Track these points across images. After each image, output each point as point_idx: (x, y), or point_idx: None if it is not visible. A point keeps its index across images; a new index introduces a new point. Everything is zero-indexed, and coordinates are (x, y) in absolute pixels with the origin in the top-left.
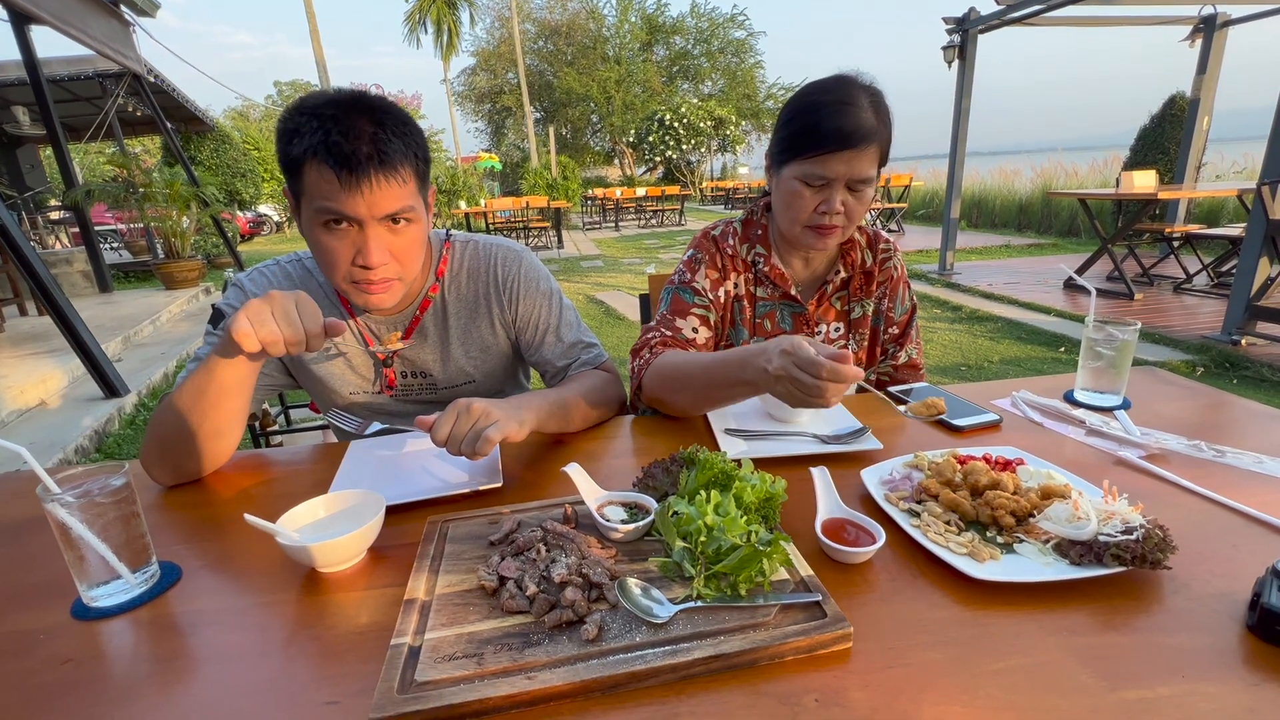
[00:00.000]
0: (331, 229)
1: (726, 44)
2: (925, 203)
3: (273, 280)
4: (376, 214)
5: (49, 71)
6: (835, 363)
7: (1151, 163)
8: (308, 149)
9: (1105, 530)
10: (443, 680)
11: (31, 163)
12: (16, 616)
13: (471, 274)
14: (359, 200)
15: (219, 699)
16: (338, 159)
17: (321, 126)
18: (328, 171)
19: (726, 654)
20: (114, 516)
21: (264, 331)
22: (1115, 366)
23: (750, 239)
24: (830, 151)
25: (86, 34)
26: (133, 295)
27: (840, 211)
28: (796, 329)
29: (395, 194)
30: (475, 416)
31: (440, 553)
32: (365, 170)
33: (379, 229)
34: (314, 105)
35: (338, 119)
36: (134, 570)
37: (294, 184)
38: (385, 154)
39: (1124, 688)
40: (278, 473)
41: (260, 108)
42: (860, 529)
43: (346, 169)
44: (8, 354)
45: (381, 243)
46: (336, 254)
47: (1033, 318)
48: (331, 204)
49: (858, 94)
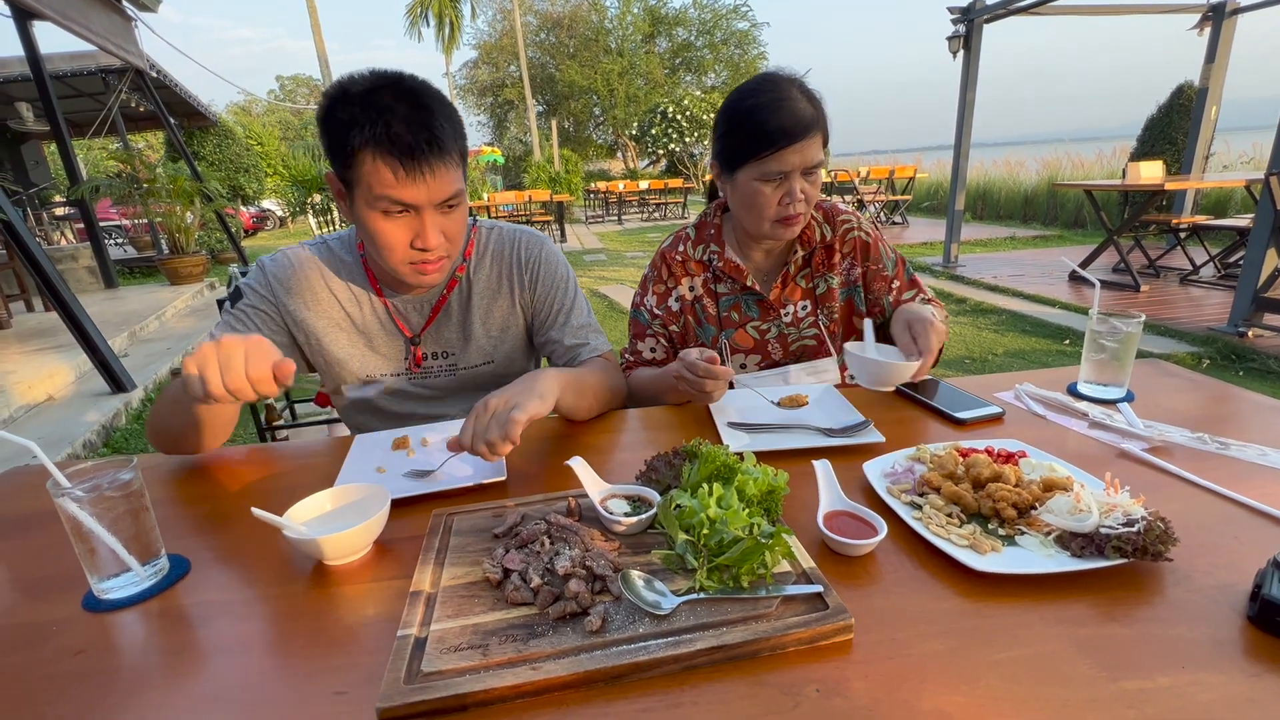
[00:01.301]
0: (390, 216)
1: (729, 35)
2: (930, 195)
3: (293, 262)
4: (435, 200)
5: (52, 67)
6: (707, 364)
7: (1159, 153)
8: (368, 140)
9: (1107, 522)
10: (449, 671)
11: (36, 159)
12: (29, 608)
13: (495, 256)
14: (420, 188)
15: (228, 689)
16: (401, 150)
17: (381, 117)
18: (390, 162)
19: (729, 645)
20: (123, 510)
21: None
22: (1119, 359)
23: (704, 239)
24: (782, 147)
25: (88, 29)
26: (138, 291)
27: (802, 198)
28: (763, 316)
29: (450, 179)
30: (494, 408)
31: (445, 546)
32: (426, 159)
33: (434, 213)
34: (364, 92)
35: (394, 109)
36: (143, 563)
37: (345, 171)
38: (441, 142)
39: (1124, 678)
40: (284, 467)
41: (262, 102)
42: (862, 521)
43: (409, 159)
44: (15, 350)
45: (437, 226)
46: (395, 239)
47: (1037, 310)
48: (392, 193)
49: (787, 88)
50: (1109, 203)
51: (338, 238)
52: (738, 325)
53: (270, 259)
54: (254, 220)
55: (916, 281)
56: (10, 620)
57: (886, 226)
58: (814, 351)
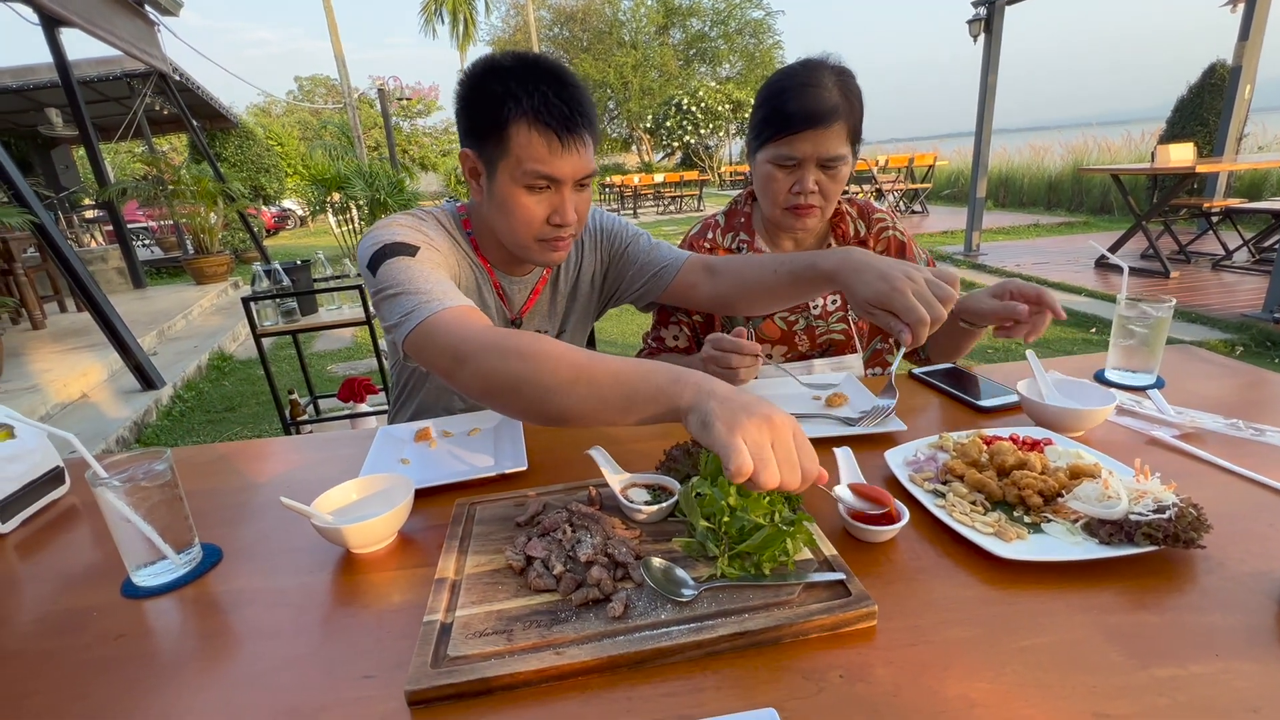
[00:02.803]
0: (534, 190)
1: (744, 25)
2: (950, 183)
3: (434, 214)
4: (578, 175)
5: (79, 73)
6: (736, 338)
7: (1189, 135)
8: (525, 112)
9: (1137, 509)
10: (474, 655)
11: (65, 163)
12: (71, 594)
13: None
14: (568, 163)
15: (262, 672)
16: (558, 122)
17: (538, 89)
18: (546, 134)
19: (751, 631)
20: (158, 500)
21: (766, 476)
22: (1148, 345)
23: (734, 228)
24: (796, 132)
25: (114, 34)
26: (165, 290)
27: (814, 191)
28: (791, 307)
29: (591, 156)
30: (917, 278)
31: (468, 534)
32: (579, 133)
33: (573, 189)
34: (515, 67)
35: (550, 84)
36: (178, 551)
37: (494, 148)
38: (590, 119)
39: (1155, 665)
40: (310, 458)
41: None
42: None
43: (565, 131)
44: (50, 349)
45: (573, 203)
46: (534, 213)
47: (1063, 298)
48: (543, 167)
49: (823, 75)
50: (1137, 187)
51: (443, 211)
52: (765, 316)
53: (408, 213)
54: (275, 219)
55: None
56: (54, 606)
57: (906, 215)
58: (841, 346)
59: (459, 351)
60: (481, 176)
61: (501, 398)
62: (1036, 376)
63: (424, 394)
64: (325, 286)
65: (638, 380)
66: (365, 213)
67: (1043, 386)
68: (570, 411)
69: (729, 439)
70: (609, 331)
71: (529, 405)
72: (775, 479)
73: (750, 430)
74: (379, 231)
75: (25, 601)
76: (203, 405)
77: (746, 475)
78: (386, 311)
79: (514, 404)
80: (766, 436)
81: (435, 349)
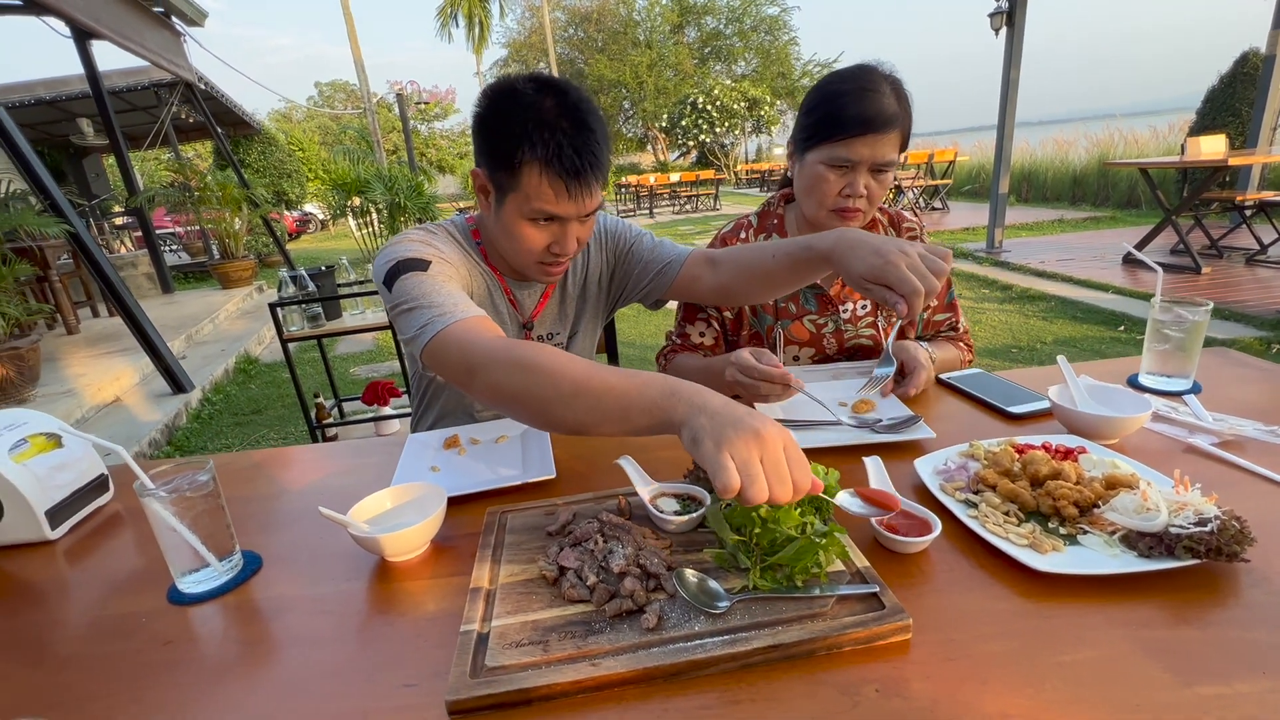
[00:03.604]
0: (538, 224)
1: (759, 21)
2: (971, 178)
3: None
4: (583, 213)
5: (109, 83)
6: (765, 366)
7: (1221, 126)
8: (538, 158)
9: (1177, 521)
10: (512, 665)
11: (96, 171)
12: (119, 600)
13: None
14: (574, 205)
15: (306, 679)
16: (569, 173)
17: (554, 138)
18: (556, 182)
19: (785, 644)
20: (202, 509)
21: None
22: (1184, 349)
23: (766, 229)
24: (854, 135)
25: (142, 46)
26: (192, 295)
27: (864, 195)
28: (821, 310)
29: (599, 196)
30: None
31: (500, 543)
32: (587, 182)
33: (577, 224)
34: (535, 105)
35: (566, 131)
36: (220, 559)
37: (503, 178)
38: (601, 164)
39: (1200, 683)
40: (341, 466)
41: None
42: (915, 519)
43: (575, 181)
44: (84, 353)
45: (576, 234)
46: (537, 241)
47: (1089, 295)
48: (550, 208)
49: (879, 81)
50: (1166, 181)
51: (453, 224)
52: (795, 317)
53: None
54: (297, 224)
55: (955, 306)
56: (104, 611)
57: (926, 212)
58: (868, 351)
59: (470, 363)
60: (491, 196)
61: (510, 407)
62: (1068, 382)
63: (444, 400)
64: (349, 292)
65: (634, 394)
66: (385, 216)
67: (1075, 392)
68: (572, 422)
69: (716, 456)
70: (629, 333)
71: (535, 415)
72: (763, 494)
73: (738, 446)
74: (392, 248)
75: (77, 606)
76: (230, 408)
77: (733, 492)
78: (403, 325)
79: (522, 414)
80: (755, 452)
81: (450, 361)
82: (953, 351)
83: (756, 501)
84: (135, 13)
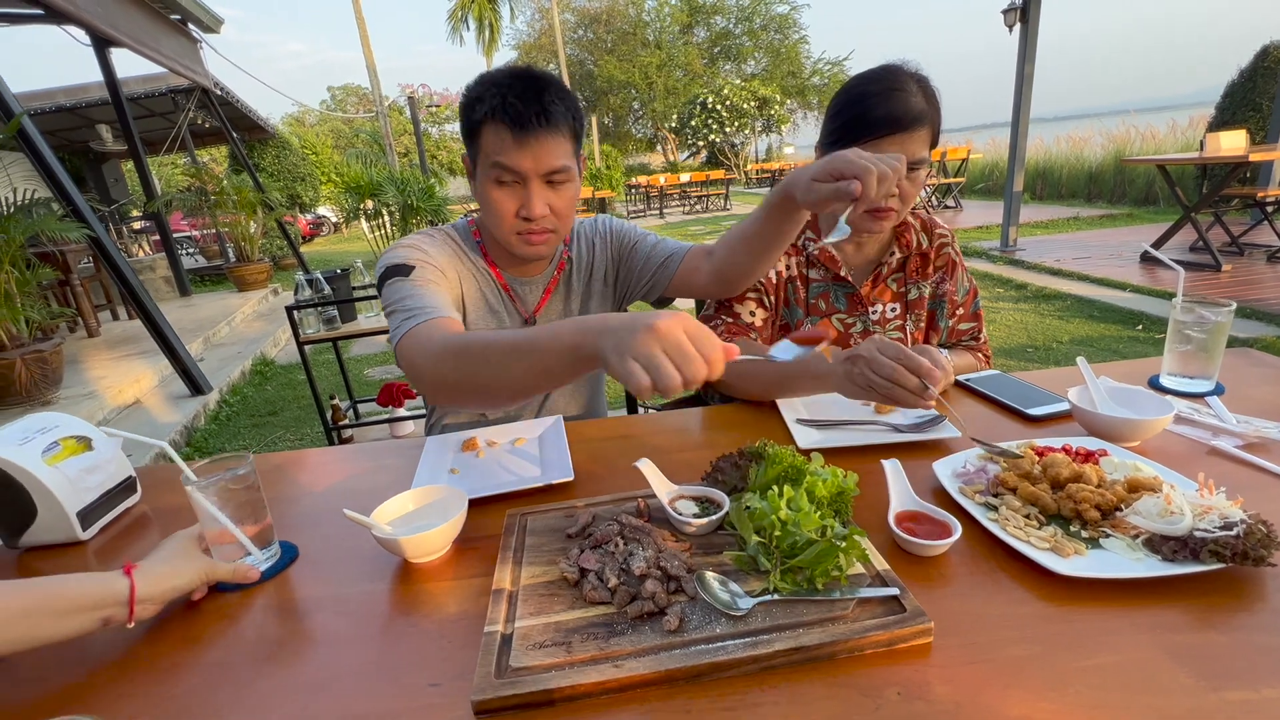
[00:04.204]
0: (502, 185)
1: (769, 20)
2: (984, 176)
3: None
4: (540, 169)
5: (127, 90)
6: (924, 359)
7: (1241, 121)
8: (488, 111)
9: (1202, 525)
10: (536, 666)
11: (115, 176)
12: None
13: (586, 236)
14: (528, 156)
15: (332, 678)
16: (512, 118)
17: (499, 92)
18: (503, 129)
19: (806, 646)
20: (243, 500)
21: (664, 376)
22: (1207, 350)
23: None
24: (882, 136)
25: (160, 52)
26: (209, 298)
27: (895, 194)
28: (850, 309)
29: (556, 152)
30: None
31: (521, 545)
32: (534, 129)
33: (540, 185)
34: (492, 77)
35: (513, 86)
36: (261, 548)
37: (473, 148)
38: (550, 114)
39: (1226, 688)
40: (363, 467)
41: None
42: (934, 522)
43: (519, 127)
44: (105, 355)
45: (542, 197)
46: (504, 206)
47: (1106, 294)
48: (503, 159)
49: (905, 80)
50: (1184, 177)
51: (453, 227)
52: (824, 314)
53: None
54: (311, 226)
55: (979, 316)
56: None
57: (939, 211)
58: None
59: (417, 363)
60: (474, 179)
61: (457, 395)
62: (1088, 384)
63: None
64: (365, 295)
65: (552, 342)
66: (397, 218)
67: (1095, 394)
68: (512, 388)
69: (622, 365)
70: None
71: (480, 395)
72: (674, 380)
73: (637, 347)
74: (387, 254)
75: None
76: (247, 409)
77: (647, 392)
78: (390, 330)
79: (470, 397)
80: (654, 345)
81: (406, 362)
82: (969, 359)
83: (671, 390)
84: (153, 20)
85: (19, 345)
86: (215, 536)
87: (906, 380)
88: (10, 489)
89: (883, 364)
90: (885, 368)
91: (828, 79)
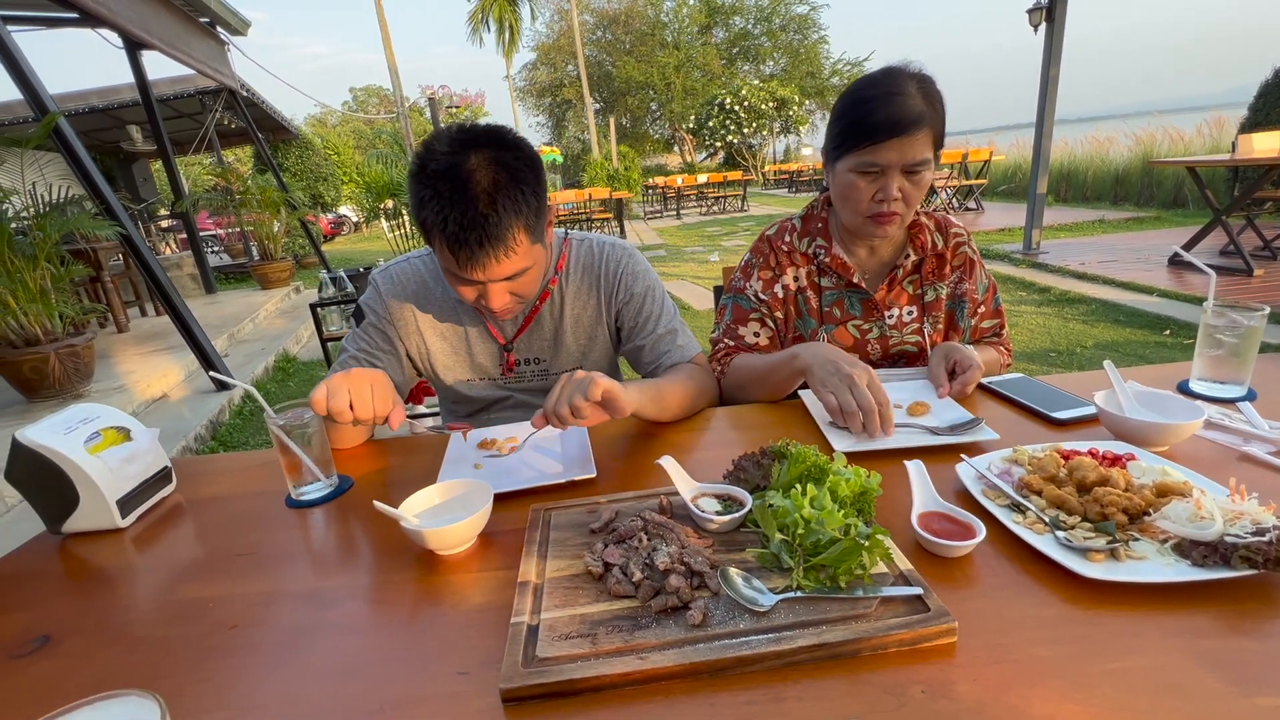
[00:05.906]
0: (460, 280)
1: (788, 21)
2: (1007, 178)
3: (402, 276)
4: (493, 279)
5: (157, 92)
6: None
7: (1275, 122)
8: (433, 226)
9: (1233, 531)
10: (562, 657)
11: (144, 176)
12: (186, 586)
13: (586, 268)
14: (477, 272)
15: (363, 665)
16: (456, 244)
17: (440, 211)
18: (447, 257)
19: (830, 643)
20: (311, 434)
21: (334, 404)
22: (1239, 355)
23: (810, 232)
24: (881, 140)
25: (189, 55)
26: (234, 295)
27: (898, 198)
28: (866, 315)
29: (507, 265)
30: (580, 376)
31: (546, 539)
32: (478, 258)
33: (498, 285)
34: (436, 171)
35: (455, 200)
36: (325, 476)
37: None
38: (497, 237)
39: (1258, 694)
40: (390, 462)
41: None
42: (958, 523)
43: (465, 252)
44: (134, 351)
45: (501, 293)
46: (467, 296)
47: (1132, 298)
48: (456, 273)
49: (905, 83)
50: (1214, 179)
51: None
52: (839, 322)
53: (382, 275)
54: (332, 226)
55: (1001, 312)
56: (172, 597)
57: (960, 213)
58: (912, 358)
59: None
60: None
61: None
62: (1115, 387)
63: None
64: None
65: None
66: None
67: (1122, 398)
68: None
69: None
70: None
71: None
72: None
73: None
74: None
75: (146, 591)
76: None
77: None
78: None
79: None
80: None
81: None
82: (993, 354)
83: None
84: (183, 23)
85: (53, 340)
86: (289, 465)
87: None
88: (55, 476)
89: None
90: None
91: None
